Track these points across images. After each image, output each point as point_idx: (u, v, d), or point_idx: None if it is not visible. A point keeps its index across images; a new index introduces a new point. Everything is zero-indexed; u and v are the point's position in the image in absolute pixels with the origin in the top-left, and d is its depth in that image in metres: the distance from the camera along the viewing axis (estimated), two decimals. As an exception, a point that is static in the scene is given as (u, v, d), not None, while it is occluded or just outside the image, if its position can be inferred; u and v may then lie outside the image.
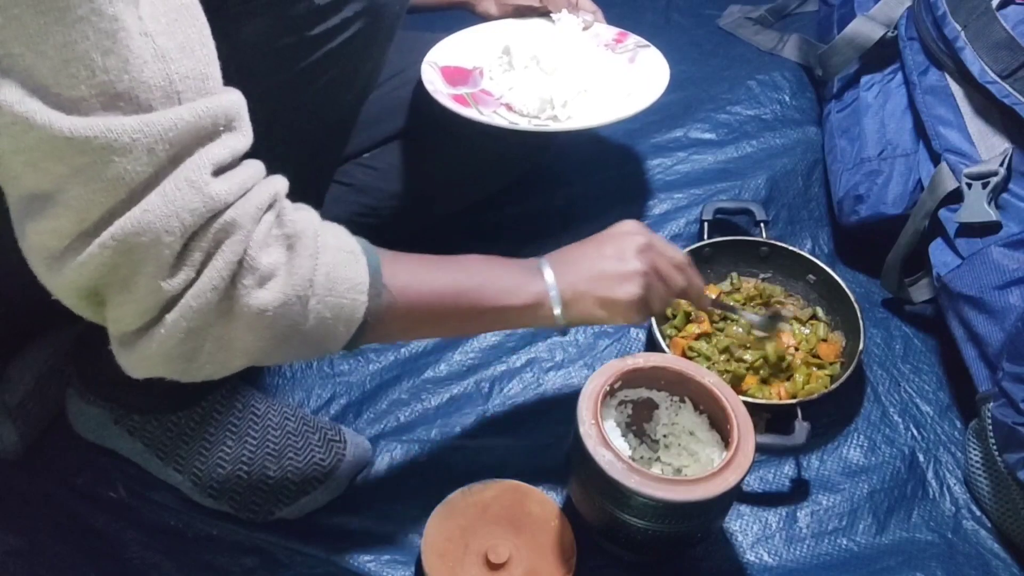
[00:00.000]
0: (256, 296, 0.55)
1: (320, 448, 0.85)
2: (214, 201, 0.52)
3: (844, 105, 1.14)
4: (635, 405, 0.81)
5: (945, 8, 0.97)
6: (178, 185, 0.50)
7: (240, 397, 0.85)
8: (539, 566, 0.77)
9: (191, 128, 0.50)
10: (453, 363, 0.97)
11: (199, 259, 0.52)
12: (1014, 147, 0.89)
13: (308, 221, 0.59)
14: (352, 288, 0.61)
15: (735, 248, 1.03)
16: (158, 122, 0.49)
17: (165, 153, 0.49)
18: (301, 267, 0.57)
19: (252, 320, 0.56)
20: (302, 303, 0.58)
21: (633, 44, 1.11)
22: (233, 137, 0.54)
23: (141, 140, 0.48)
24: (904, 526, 0.86)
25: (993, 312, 0.84)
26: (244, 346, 0.57)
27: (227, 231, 0.53)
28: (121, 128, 0.47)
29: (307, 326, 0.59)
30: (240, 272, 0.54)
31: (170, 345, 0.54)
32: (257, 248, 0.55)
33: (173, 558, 0.81)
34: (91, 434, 0.85)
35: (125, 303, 0.53)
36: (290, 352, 0.61)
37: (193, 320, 0.53)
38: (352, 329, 0.62)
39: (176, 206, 0.50)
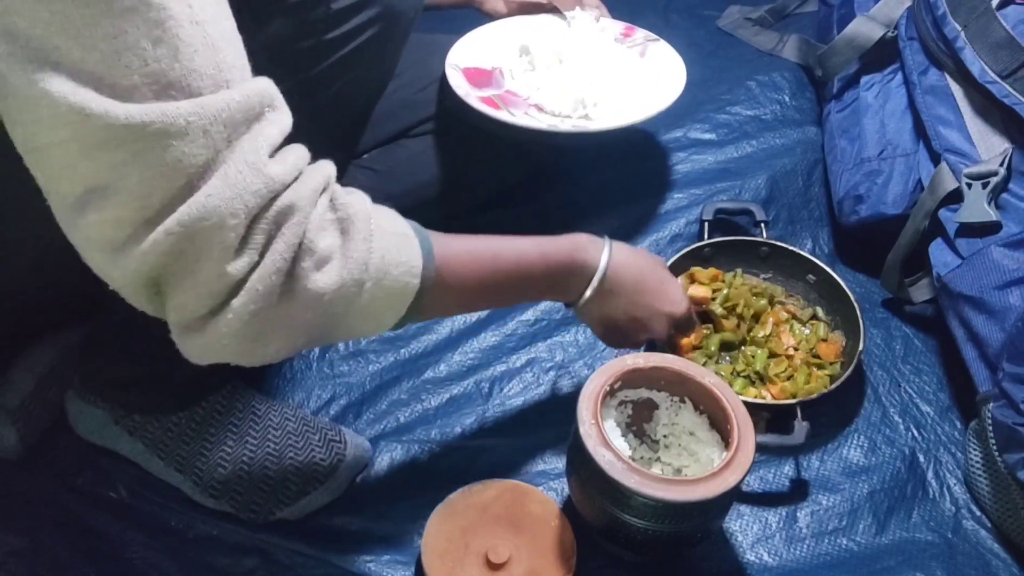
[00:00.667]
0: (315, 279, 0.56)
1: (320, 448, 0.85)
2: (274, 182, 0.52)
3: (844, 105, 1.14)
4: (635, 405, 0.81)
5: (945, 8, 0.97)
6: (239, 168, 0.51)
7: (240, 398, 0.85)
8: (539, 566, 0.77)
9: (242, 108, 0.51)
10: (453, 363, 0.97)
11: (261, 241, 0.53)
12: (1014, 147, 0.89)
13: (361, 204, 0.60)
14: (406, 271, 0.62)
15: (735, 248, 1.03)
16: (211, 104, 0.49)
17: (220, 135, 0.50)
18: (356, 251, 0.58)
19: (311, 301, 0.56)
20: (358, 285, 0.59)
21: (642, 38, 1.12)
22: (278, 115, 0.54)
23: (196, 123, 0.49)
24: (904, 526, 0.86)
25: (993, 312, 0.84)
26: (304, 326, 0.58)
27: (287, 213, 0.54)
28: (176, 112, 0.48)
29: (362, 306, 0.60)
30: (300, 254, 0.55)
31: (238, 327, 0.54)
32: (315, 231, 0.55)
33: (174, 558, 0.81)
34: (92, 435, 0.85)
35: (189, 289, 0.53)
36: (347, 331, 0.62)
37: (259, 302, 0.54)
38: (404, 307, 0.63)
39: (239, 189, 0.51)
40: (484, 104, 0.99)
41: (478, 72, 1.06)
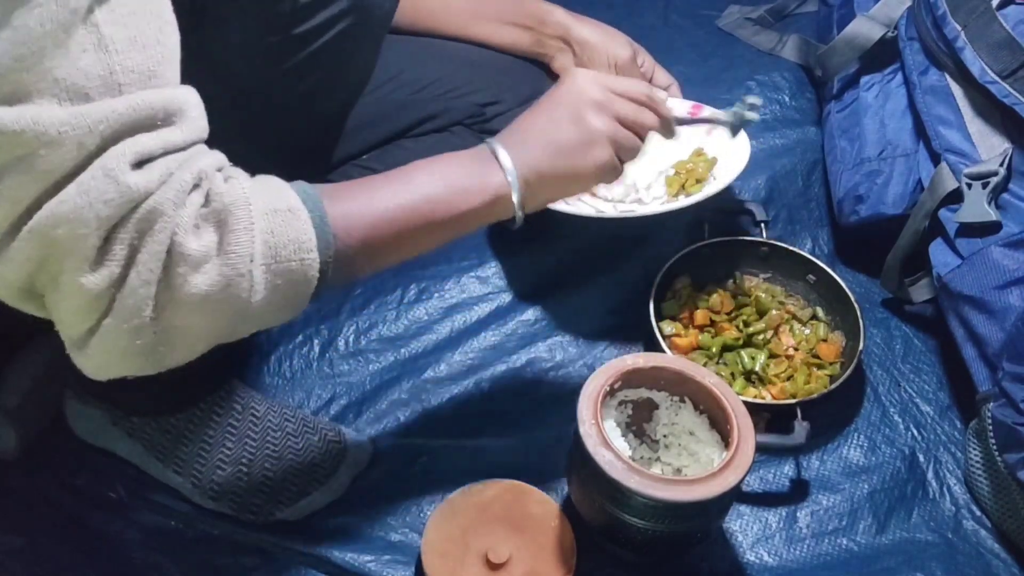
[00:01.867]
0: (193, 282, 0.53)
1: (320, 449, 0.84)
2: (132, 191, 0.50)
3: (844, 105, 1.14)
4: (635, 405, 0.81)
5: (945, 8, 0.97)
6: (94, 175, 0.49)
7: (239, 398, 0.85)
8: (539, 566, 0.77)
9: (125, 120, 0.49)
10: (453, 363, 0.97)
11: (123, 253, 0.50)
12: (1014, 147, 0.89)
13: (238, 191, 0.56)
14: (299, 249, 0.58)
15: (735, 248, 1.03)
16: (89, 114, 0.48)
17: (95, 145, 0.48)
18: (237, 243, 0.54)
19: (196, 306, 0.54)
20: (247, 278, 0.55)
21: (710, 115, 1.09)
22: (169, 131, 0.52)
23: (69, 133, 0.47)
24: (904, 526, 0.86)
25: (993, 312, 0.84)
26: (199, 330, 0.55)
27: (149, 221, 0.51)
28: (50, 121, 0.47)
29: (259, 297, 0.57)
30: (171, 261, 0.52)
31: (122, 345, 0.52)
32: (184, 233, 0.52)
33: (173, 558, 0.81)
34: (90, 436, 0.85)
35: (59, 303, 0.51)
36: (253, 324, 0.59)
37: (134, 319, 0.52)
38: (311, 286, 0.60)
39: (91, 196, 0.48)
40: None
41: None
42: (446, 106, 1.04)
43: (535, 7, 1.09)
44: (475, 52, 1.09)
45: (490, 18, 1.09)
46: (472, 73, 1.06)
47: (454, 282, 1.03)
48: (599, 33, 1.08)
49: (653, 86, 1.11)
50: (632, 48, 1.09)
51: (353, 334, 0.98)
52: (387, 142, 1.03)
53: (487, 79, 1.07)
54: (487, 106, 1.06)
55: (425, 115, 1.04)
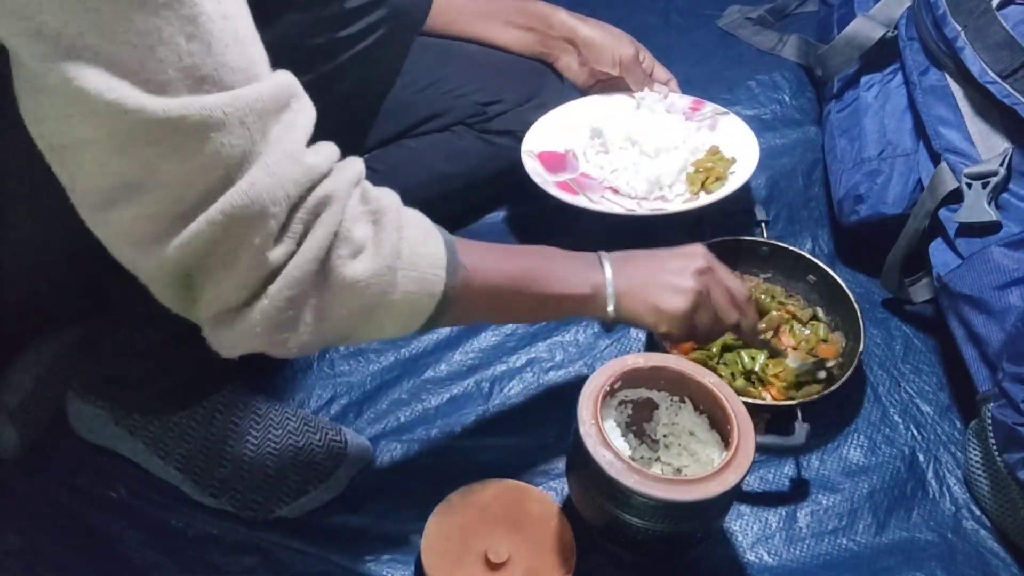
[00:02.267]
0: (350, 267, 0.57)
1: (321, 448, 0.85)
2: (312, 171, 0.54)
3: (844, 105, 1.14)
4: (635, 405, 0.81)
5: (945, 8, 0.97)
6: (279, 158, 0.52)
7: (241, 398, 0.85)
8: (539, 566, 0.77)
9: (273, 98, 0.52)
10: (453, 363, 0.97)
11: (300, 230, 0.54)
12: (1014, 147, 0.89)
13: (390, 198, 0.62)
14: (433, 263, 0.63)
15: (735, 248, 1.03)
16: (244, 96, 0.50)
17: (255, 125, 0.51)
18: (388, 240, 0.60)
19: (345, 290, 0.58)
20: (391, 274, 0.60)
21: (711, 111, 1.14)
22: (304, 104, 0.55)
23: (233, 114, 0.50)
24: (904, 526, 0.86)
25: (993, 312, 0.84)
26: (336, 316, 0.59)
27: (325, 203, 0.55)
28: (213, 104, 0.49)
29: (393, 298, 0.61)
30: (335, 243, 0.56)
31: (272, 315, 0.55)
32: (351, 221, 0.57)
33: (173, 557, 0.81)
34: (91, 435, 0.85)
35: (225, 279, 0.54)
36: (377, 326, 0.63)
37: (295, 288, 0.55)
38: (434, 304, 0.64)
39: (280, 177, 0.52)
40: (559, 190, 1.03)
41: (552, 156, 1.09)
42: (448, 105, 1.04)
43: (539, 8, 1.10)
44: (476, 51, 1.09)
45: (495, 19, 1.09)
46: (473, 72, 1.07)
47: (454, 282, 1.03)
48: (603, 33, 1.11)
49: (653, 80, 1.14)
50: (635, 46, 1.12)
51: (353, 334, 0.98)
52: (389, 142, 1.03)
53: (488, 78, 1.07)
54: (489, 105, 1.06)
55: (427, 114, 1.04)
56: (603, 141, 1.10)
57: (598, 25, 1.11)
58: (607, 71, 1.11)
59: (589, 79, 1.13)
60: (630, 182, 1.06)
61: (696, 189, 1.04)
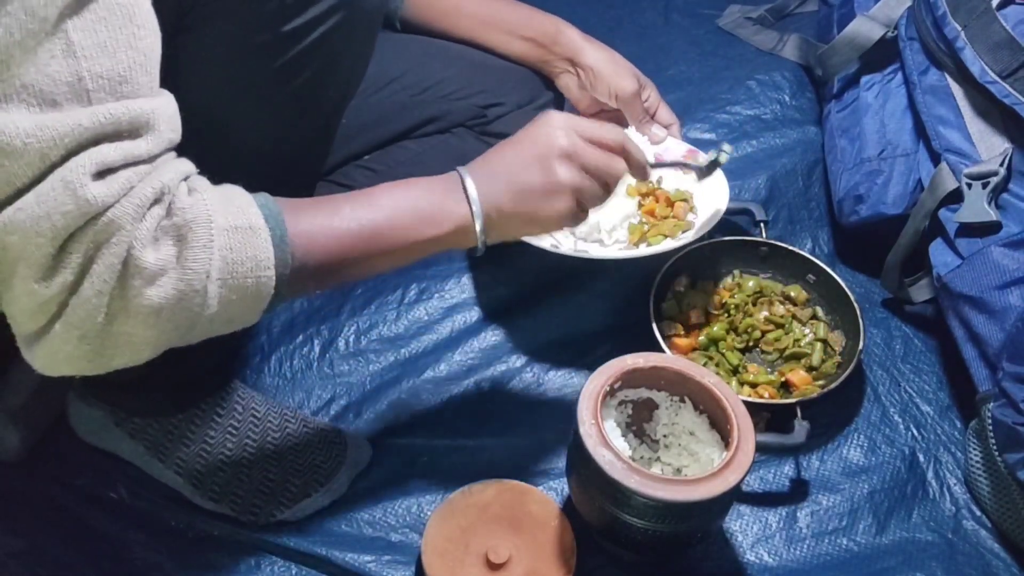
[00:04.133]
0: (148, 295, 0.53)
1: (320, 450, 0.85)
2: (90, 204, 0.50)
3: (844, 105, 1.14)
4: (635, 405, 0.81)
5: (945, 8, 0.97)
6: (53, 186, 0.49)
7: (240, 399, 0.85)
8: (539, 566, 0.77)
9: (88, 133, 0.49)
10: (453, 363, 0.97)
11: (77, 262, 0.51)
12: (1014, 147, 0.89)
13: (201, 206, 0.56)
14: (256, 267, 0.58)
15: (735, 248, 1.03)
16: (54, 126, 0.48)
17: (58, 156, 0.49)
18: (195, 259, 0.55)
19: (148, 317, 0.54)
20: (201, 294, 0.56)
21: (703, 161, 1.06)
22: (133, 144, 0.52)
23: (34, 145, 0.48)
24: (904, 526, 0.86)
25: (993, 312, 0.84)
26: (146, 340, 0.56)
27: (106, 233, 0.51)
28: (14, 132, 0.47)
29: (211, 311, 0.57)
30: (127, 272, 0.53)
31: (68, 349, 0.53)
32: (142, 247, 0.53)
33: (174, 559, 0.81)
34: (92, 436, 0.85)
35: (11, 303, 0.52)
36: (200, 334, 0.60)
37: (83, 326, 0.52)
38: (264, 303, 0.60)
39: (48, 207, 0.49)
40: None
41: None
42: (448, 108, 1.04)
43: (549, 24, 1.07)
44: (477, 54, 1.09)
45: (501, 28, 1.08)
46: (474, 75, 1.06)
47: (454, 282, 1.03)
48: (607, 62, 1.05)
49: (655, 122, 1.09)
50: (638, 82, 1.06)
51: (353, 334, 0.98)
52: (389, 143, 1.03)
53: (489, 81, 1.07)
54: (489, 108, 1.06)
55: (427, 117, 1.04)
56: None
57: (605, 52, 1.06)
58: (604, 102, 1.07)
59: (592, 105, 1.08)
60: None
61: (636, 239, 0.99)
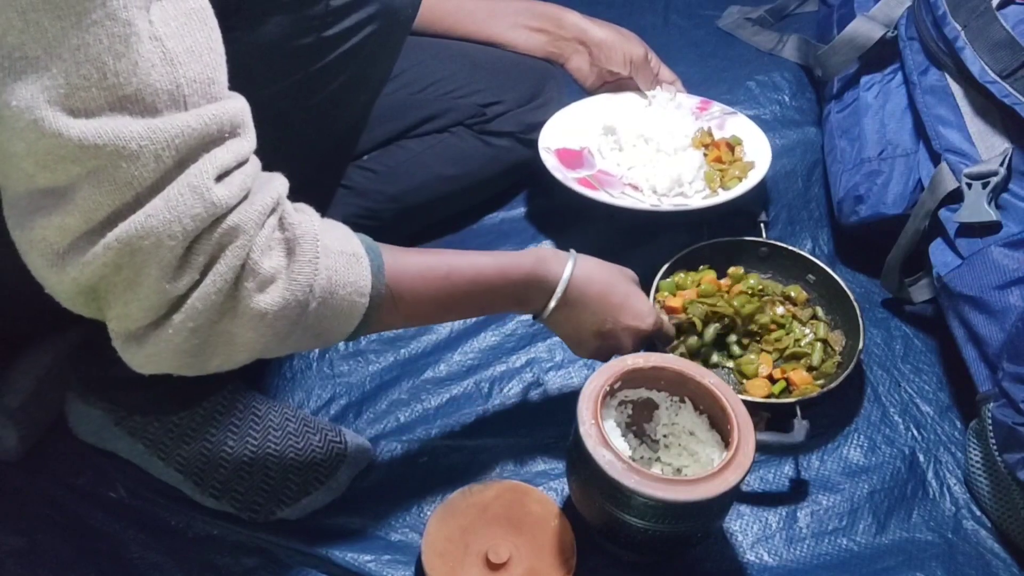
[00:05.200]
0: (257, 299, 0.56)
1: (321, 449, 0.85)
2: (216, 207, 0.53)
3: (844, 105, 1.14)
4: (635, 405, 0.81)
5: (945, 8, 0.97)
6: (181, 191, 0.51)
7: (241, 398, 0.85)
8: (539, 566, 0.77)
9: (197, 135, 0.51)
10: (453, 363, 0.97)
11: (203, 262, 0.54)
12: (1014, 147, 0.89)
13: (309, 224, 0.60)
14: (353, 291, 0.63)
15: (735, 248, 1.03)
16: (165, 129, 0.50)
17: (172, 159, 0.51)
18: (301, 272, 0.59)
19: (253, 321, 0.57)
20: (302, 306, 0.59)
21: (719, 111, 1.15)
22: (237, 143, 0.55)
23: (148, 147, 0.49)
24: (904, 526, 0.86)
25: (993, 312, 0.84)
26: (246, 342, 0.58)
27: (230, 236, 0.54)
28: (129, 135, 0.49)
29: (307, 325, 0.61)
30: (243, 275, 0.56)
31: (177, 342, 0.55)
32: (259, 252, 0.56)
33: (174, 558, 0.81)
34: (91, 436, 0.85)
35: (130, 302, 0.53)
36: (291, 346, 0.63)
37: (198, 320, 0.55)
38: (352, 326, 0.65)
39: (179, 211, 0.51)
40: (582, 186, 1.04)
41: (568, 153, 1.10)
42: (447, 106, 1.04)
43: (549, 9, 1.11)
44: (477, 52, 1.09)
45: (506, 21, 1.10)
46: (473, 73, 1.07)
47: (454, 282, 1.03)
48: (613, 33, 1.12)
49: (660, 80, 1.16)
50: (644, 47, 1.13)
51: (353, 334, 0.98)
52: (388, 143, 1.03)
53: (488, 79, 1.07)
54: (488, 106, 1.06)
55: (426, 115, 1.04)
56: (616, 138, 1.12)
57: (608, 26, 1.13)
58: (618, 71, 1.12)
59: (598, 80, 1.14)
60: (650, 179, 1.07)
61: (715, 186, 1.06)
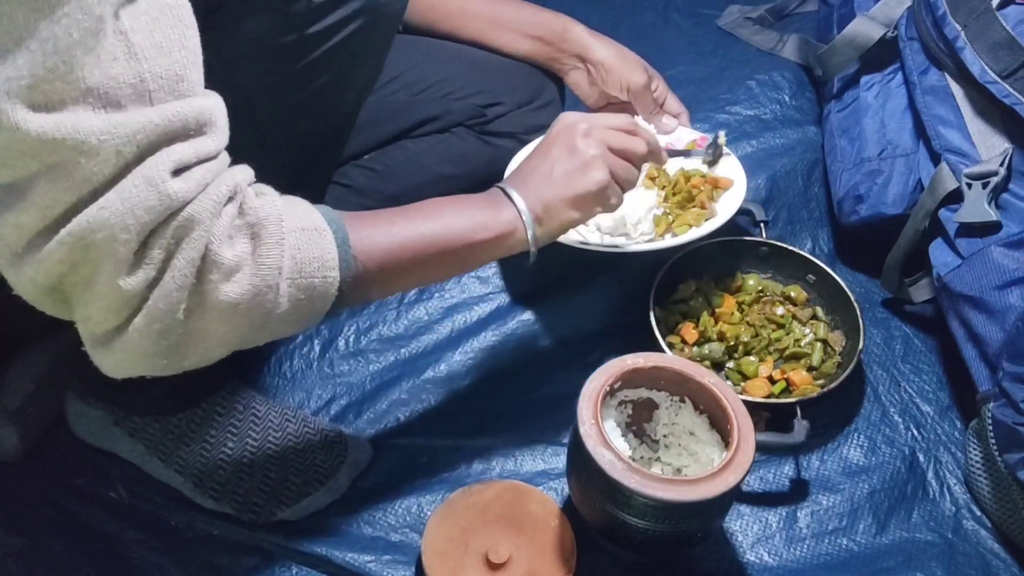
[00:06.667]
0: (225, 290, 0.55)
1: (321, 450, 0.85)
2: (171, 199, 0.52)
3: (844, 105, 1.14)
4: (635, 405, 0.81)
5: (945, 8, 0.97)
6: (135, 183, 0.50)
7: (241, 399, 0.85)
8: (539, 566, 0.77)
9: (159, 131, 0.51)
10: (453, 363, 0.97)
11: (159, 257, 0.53)
12: (1014, 147, 0.89)
13: (271, 207, 0.59)
14: (322, 266, 0.61)
15: (735, 248, 1.03)
16: (126, 124, 0.49)
17: (132, 154, 0.50)
18: (268, 255, 0.57)
19: (224, 313, 0.56)
20: (273, 291, 0.58)
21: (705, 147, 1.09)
22: (201, 141, 0.54)
23: (109, 142, 0.49)
24: (904, 526, 0.86)
25: (993, 312, 0.84)
26: (220, 336, 0.57)
27: (186, 228, 0.53)
28: (89, 130, 0.48)
29: (282, 310, 0.60)
30: (204, 268, 0.54)
31: (145, 345, 0.54)
32: (219, 243, 0.55)
33: (174, 558, 0.81)
34: (91, 436, 0.85)
35: (90, 302, 0.53)
36: (269, 334, 0.62)
37: (163, 320, 0.54)
38: (328, 304, 0.63)
39: (132, 203, 0.50)
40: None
41: None
42: (447, 107, 1.04)
43: (555, 21, 1.08)
44: (477, 53, 1.09)
45: (508, 28, 1.09)
46: (473, 74, 1.06)
47: (454, 282, 1.03)
48: (616, 56, 1.08)
49: (664, 112, 1.11)
50: (647, 74, 1.08)
51: (353, 334, 0.98)
52: (388, 143, 1.03)
53: (488, 80, 1.07)
54: (488, 107, 1.06)
55: (426, 116, 1.04)
56: None
57: (613, 47, 1.08)
58: (615, 95, 1.09)
59: (600, 100, 1.10)
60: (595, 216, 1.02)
61: (662, 231, 1.00)
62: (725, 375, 0.95)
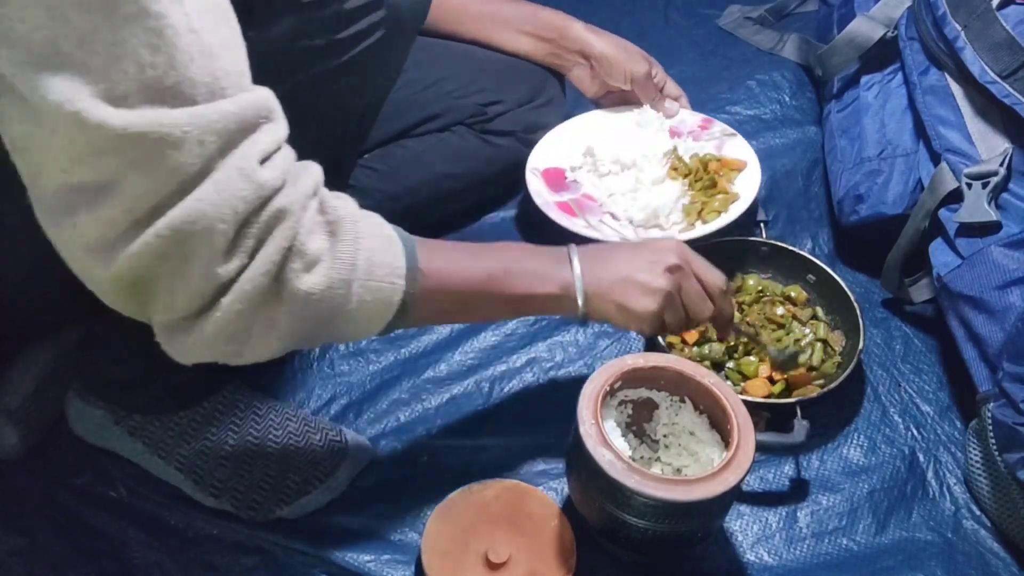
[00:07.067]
0: (304, 280, 0.57)
1: (321, 448, 0.85)
2: (264, 188, 0.54)
3: (844, 105, 1.14)
4: (635, 405, 0.81)
5: (945, 8, 0.97)
6: (229, 174, 0.52)
7: (241, 398, 0.85)
8: (539, 566, 0.77)
9: (237, 119, 0.52)
10: (453, 363, 0.97)
11: (252, 245, 0.54)
12: (1014, 147, 0.89)
13: (349, 208, 0.62)
14: (391, 272, 0.63)
15: (735, 248, 1.03)
16: (206, 114, 0.50)
17: (214, 144, 0.51)
18: (344, 252, 0.60)
19: (299, 303, 0.58)
20: (346, 286, 0.60)
21: (719, 132, 1.13)
22: (274, 127, 0.56)
23: (192, 133, 0.50)
24: (904, 526, 0.86)
25: (993, 312, 0.84)
26: (289, 328, 0.59)
27: (278, 218, 0.55)
28: (172, 122, 0.49)
29: (348, 309, 0.61)
30: (289, 257, 0.56)
31: (223, 326, 0.56)
32: (305, 234, 0.57)
33: (174, 558, 0.81)
34: (91, 435, 0.85)
35: (177, 290, 0.54)
36: (330, 335, 0.64)
37: (246, 302, 0.55)
38: (391, 312, 0.64)
39: (228, 194, 0.52)
40: (559, 211, 1.04)
41: (555, 173, 1.10)
42: (448, 106, 1.04)
43: (555, 19, 1.10)
44: (477, 52, 1.09)
45: (509, 26, 1.10)
46: (474, 73, 1.07)
47: (454, 282, 1.03)
48: (617, 48, 1.10)
49: (665, 96, 1.14)
50: (648, 63, 1.11)
51: (353, 334, 0.98)
52: (389, 141, 1.03)
53: (489, 79, 1.07)
54: (489, 106, 1.06)
55: (427, 115, 1.04)
56: (594, 161, 1.10)
57: (612, 40, 1.11)
58: (618, 86, 1.11)
59: (601, 90, 1.13)
60: (627, 209, 1.05)
61: (693, 220, 1.04)
62: (725, 375, 0.95)
